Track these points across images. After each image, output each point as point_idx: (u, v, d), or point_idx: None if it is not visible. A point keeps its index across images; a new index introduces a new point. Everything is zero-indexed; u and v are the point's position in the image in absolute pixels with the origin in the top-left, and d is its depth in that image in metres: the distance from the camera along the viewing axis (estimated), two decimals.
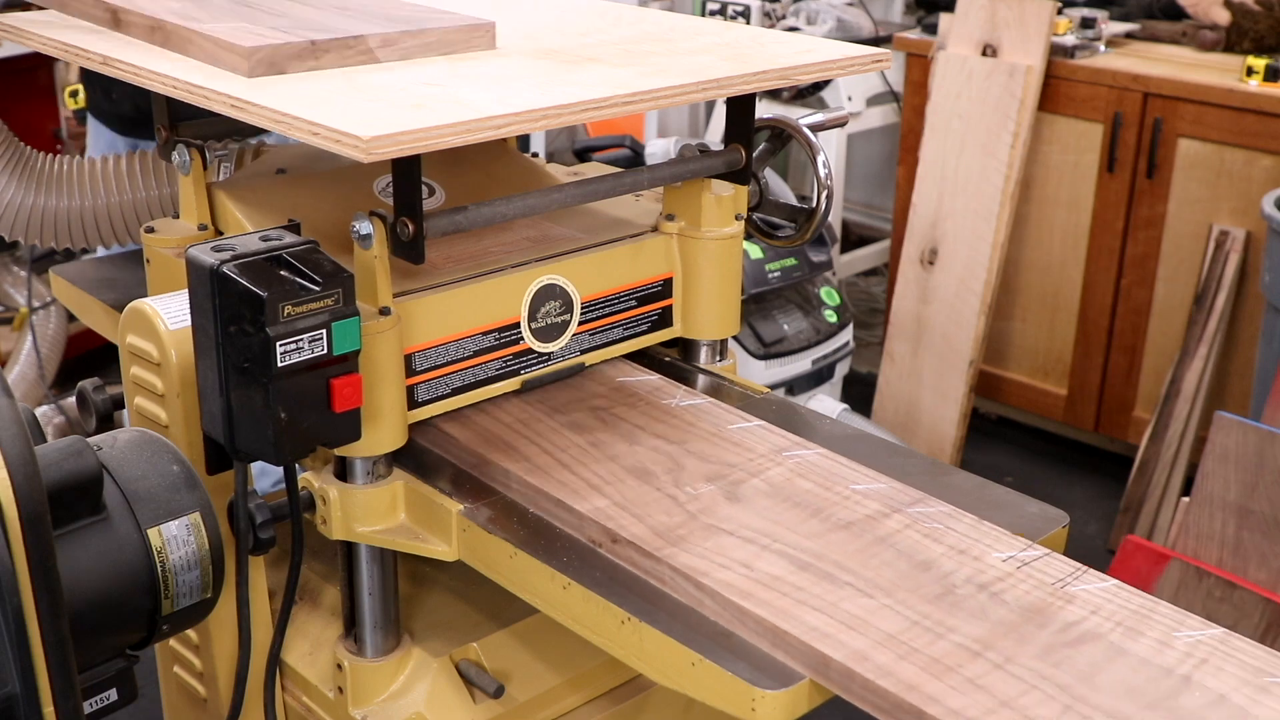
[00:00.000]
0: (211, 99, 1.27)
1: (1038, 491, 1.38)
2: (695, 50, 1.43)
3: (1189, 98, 3.19)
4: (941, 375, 3.51)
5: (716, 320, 1.60)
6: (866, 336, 4.32)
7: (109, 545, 1.01)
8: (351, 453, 1.32)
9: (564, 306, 1.47)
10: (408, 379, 1.35)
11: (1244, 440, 2.25)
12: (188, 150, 1.48)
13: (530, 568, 1.24)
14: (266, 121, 1.22)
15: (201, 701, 1.54)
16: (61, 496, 0.95)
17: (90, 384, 1.56)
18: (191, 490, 1.07)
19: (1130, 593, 1.15)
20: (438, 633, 1.47)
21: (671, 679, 1.13)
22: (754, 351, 3.12)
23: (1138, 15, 3.70)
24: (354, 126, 1.12)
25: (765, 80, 1.36)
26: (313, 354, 1.16)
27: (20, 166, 1.67)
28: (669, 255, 1.56)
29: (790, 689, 1.07)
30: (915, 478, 1.34)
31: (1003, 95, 3.40)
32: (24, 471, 0.87)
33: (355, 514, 1.34)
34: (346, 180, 1.53)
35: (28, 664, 0.87)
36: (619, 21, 1.59)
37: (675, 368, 1.60)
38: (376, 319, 1.28)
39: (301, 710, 1.49)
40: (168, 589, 1.04)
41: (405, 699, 1.41)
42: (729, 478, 1.34)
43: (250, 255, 1.17)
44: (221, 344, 1.17)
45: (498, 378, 1.44)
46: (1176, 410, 3.23)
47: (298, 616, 1.52)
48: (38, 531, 0.87)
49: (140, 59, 1.38)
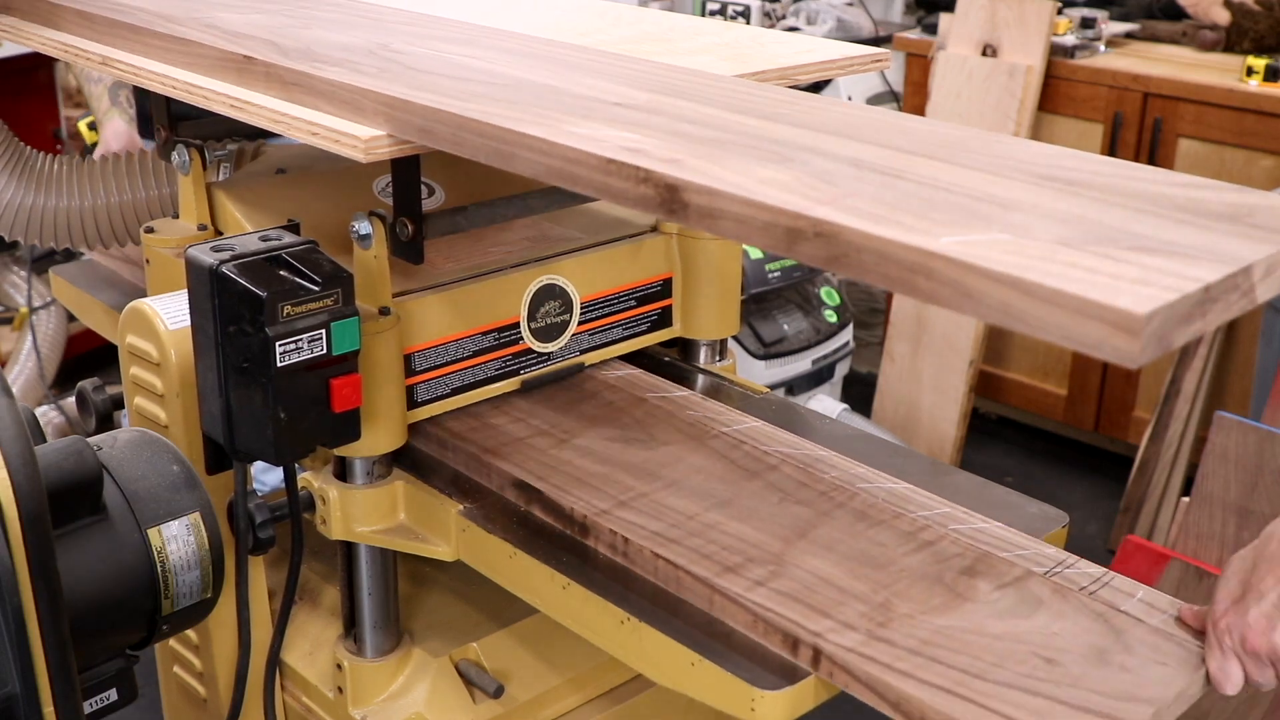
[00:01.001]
0: (211, 99, 1.27)
1: (1038, 491, 1.38)
2: (695, 50, 1.43)
3: (1189, 98, 3.19)
4: (941, 375, 3.51)
5: (716, 320, 1.60)
6: (866, 336, 4.31)
7: (109, 545, 1.01)
8: (351, 453, 1.32)
9: (563, 306, 1.47)
10: (407, 379, 1.35)
11: (1244, 440, 2.25)
12: (187, 150, 1.48)
13: (530, 568, 1.24)
14: (266, 121, 1.22)
15: (201, 701, 1.54)
16: (61, 496, 0.95)
17: (90, 384, 1.56)
18: (191, 490, 1.07)
19: None
20: (438, 633, 1.47)
21: (671, 679, 1.13)
22: (754, 351, 3.12)
23: (1138, 15, 3.70)
24: (353, 127, 1.12)
25: (765, 80, 1.36)
26: (312, 354, 1.16)
27: (20, 166, 1.67)
28: (669, 255, 1.56)
29: (790, 689, 1.07)
30: (915, 478, 1.34)
31: (1003, 95, 3.40)
32: (24, 471, 0.87)
33: (355, 514, 1.34)
34: (346, 180, 1.53)
35: (28, 664, 0.87)
36: (619, 21, 1.60)
37: (675, 368, 1.60)
38: (376, 319, 1.28)
39: (301, 710, 1.49)
40: (168, 589, 1.04)
41: (405, 699, 1.41)
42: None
43: (250, 255, 1.17)
44: (221, 344, 1.17)
45: (497, 378, 1.44)
46: (1176, 410, 3.22)
47: (298, 616, 1.52)
48: (38, 531, 0.87)
49: (140, 59, 1.38)
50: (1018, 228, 0.79)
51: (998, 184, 0.87)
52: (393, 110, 1.11)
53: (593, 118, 1.03)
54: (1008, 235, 0.78)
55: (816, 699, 1.09)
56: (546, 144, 0.97)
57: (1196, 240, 0.77)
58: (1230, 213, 0.82)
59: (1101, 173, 0.91)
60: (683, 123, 1.02)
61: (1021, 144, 0.99)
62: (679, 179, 0.88)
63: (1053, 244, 0.76)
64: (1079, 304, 0.70)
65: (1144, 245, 0.77)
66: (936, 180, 0.88)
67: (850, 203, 0.83)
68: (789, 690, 1.07)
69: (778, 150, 0.94)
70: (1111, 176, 0.90)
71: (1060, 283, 0.71)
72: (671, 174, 0.89)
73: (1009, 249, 0.75)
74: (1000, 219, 0.81)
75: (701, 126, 1.01)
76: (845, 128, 1.00)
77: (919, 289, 0.76)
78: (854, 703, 1.06)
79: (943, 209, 0.82)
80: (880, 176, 0.89)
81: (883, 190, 0.86)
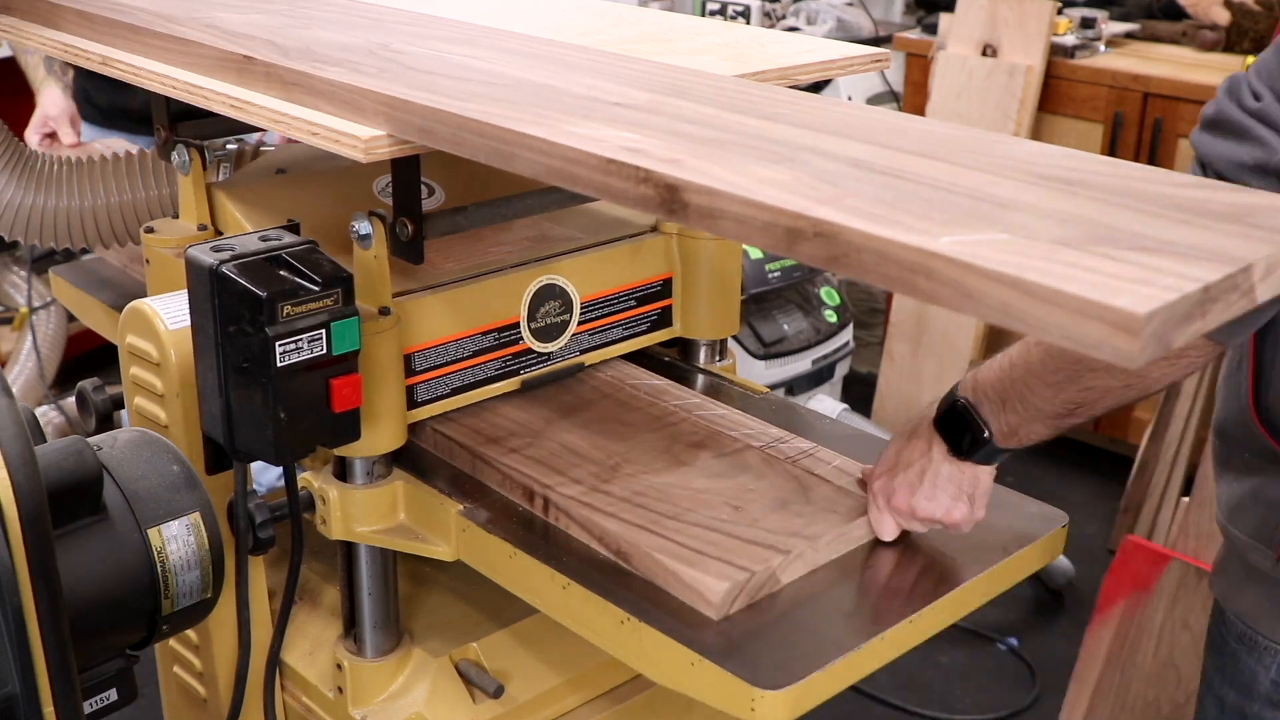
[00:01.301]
0: (211, 99, 1.27)
1: (1038, 491, 1.38)
2: (695, 50, 1.43)
3: (1189, 98, 3.19)
4: (941, 375, 3.51)
5: (716, 320, 1.60)
6: (866, 336, 4.31)
7: (109, 545, 1.01)
8: (351, 453, 1.32)
9: (563, 306, 1.47)
10: (407, 379, 1.35)
11: None
12: (187, 150, 1.48)
13: (530, 568, 1.24)
14: (266, 121, 1.22)
15: (201, 701, 1.54)
16: (61, 496, 0.95)
17: (90, 384, 1.56)
18: (191, 490, 1.07)
19: None
20: (438, 633, 1.47)
21: (671, 679, 1.13)
22: (754, 351, 3.12)
23: (1138, 15, 3.70)
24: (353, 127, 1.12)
25: (765, 80, 1.36)
26: (312, 354, 1.16)
27: (20, 166, 1.67)
28: (668, 255, 1.56)
29: (790, 689, 1.07)
30: None
31: (1003, 95, 3.40)
32: (24, 471, 0.87)
33: (355, 514, 1.34)
34: (346, 180, 1.53)
35: (28, 664, 0.87)
36: (619, 21, 1.60)
37: (674, 368, 1.60)
38: (376, 319, 1.28)
39: (301, 710, 1.49)
40: (168, 589, 1.04)
41: (405, 699, 1.41)
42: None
43: (249, 255, 1.17)
44: (221, 344, 1.17)
45: (497, 378, 1.44)
46: (1176, 410, 3.23)
47: (298, 616, 1.52)
48: (38, 531, 0.87)
49: (139, 59, 1.38)
50: (1018, 228, 0.79)
51: (998, 184, 0.88)
52: (393, 110, 1.11)
53: (593, 118, 1.03)
54: (1008, 235, 0.78)
55: (817, 698, 1.09)
56: (546, 144, 0.97)
57: (1196, 240, 0.77)
58: (1230, 213, 0.82)
59: (1101, 173, 0.91)
60: (683, 123, 1.02)
61: (1021, 144, 0.99)
62: (679, 179, 0.88)
63: (1053, 244, 0.76)
64: (1079, 304, 0.70)
65: (1144, 245, 0.77)
66: (936, 180, 0.88)
67: (850, 203, 0.83)
68: (789, 690, 1.07)
69: (778, 150, 0.94)
70: (1111, 176, 0.90)
71: (1060, 283, 0.71)
72: (671, 174, 0.89)
73: (1009, 249, 0.75)
74: (1000, 219, 0.81)
75: (701, 126, 1.01)
76: (845, 128, 1.00)
77: (919, 289, 0.76)
78: (854, 703, 1.07)
79: (943, 209, 0.82)
80: (880, 176, 0.89)
81: (883, 190, 0.86)
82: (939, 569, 1.24)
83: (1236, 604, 1.38)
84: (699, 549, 1.19)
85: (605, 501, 1.28)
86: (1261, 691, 1.36)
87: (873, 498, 1.26)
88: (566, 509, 1.27)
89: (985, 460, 1.23)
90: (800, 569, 1.21)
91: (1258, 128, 1.10)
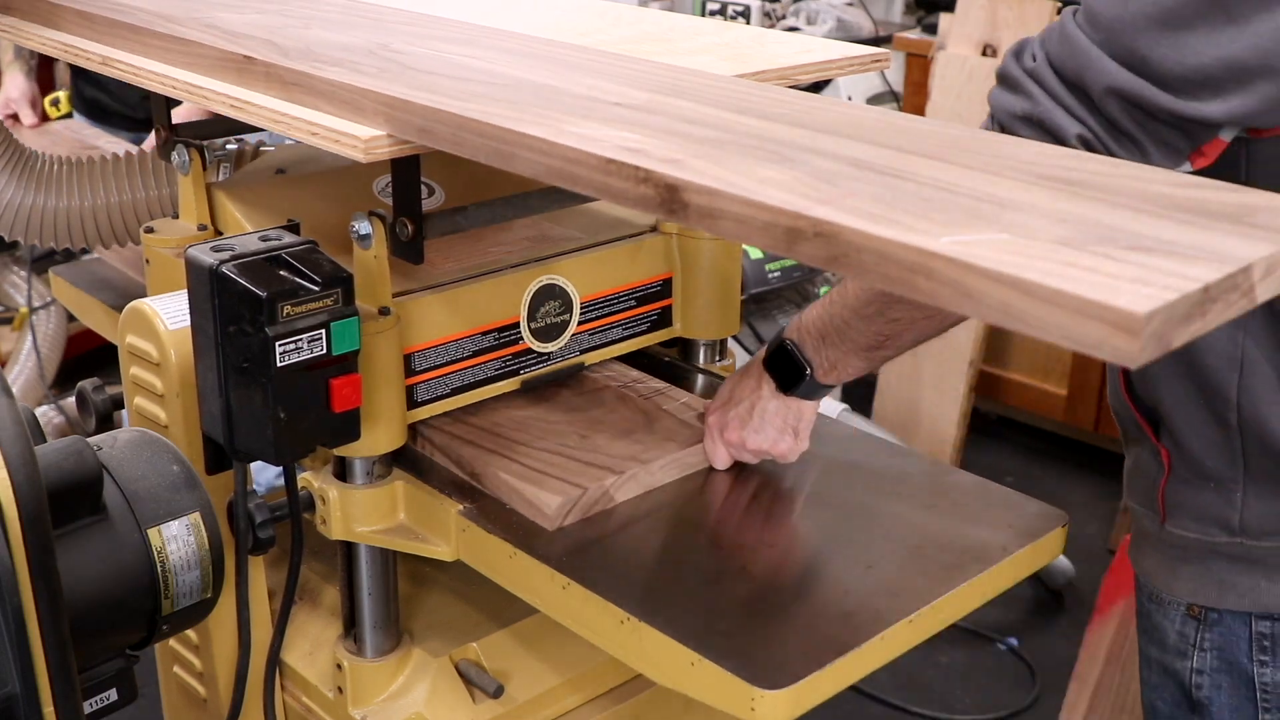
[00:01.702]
0: (211, 99, 1.27)
1: (1038, 491, 1.38)
2: (695, 50, 1.43)
3: None
4: (941, 375, 3.51)
5: (716, 320, 1.60)
6: None
7: (109, 545, 1.01)
8: (351, 453, 1.32)
9: (563, 306, 1.47)
10: (407, 379, 1.35)
11: None
12: (187, 150, 1.48)
13: (530, 568, 1.24)
14: (266, 121, 1.22)
15: (201, 701, 1.54)
16: (61, 496, 0.95)
17: (90, 384, 1.56)
18: (191, 490, 1.07)
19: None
20: (437, 633, 1.47)
21: (671, 679, 1.13)
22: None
23: None
24: (353, 127, 1.12)
25: (765, 80, 1.36)
26: (312, 354, 1.16)
27: (20, 166, 1.67)
28: (668, 255, 1.56)
29: (790, 689, 1.07)
30: (916, 478, 1.35)
31: None
32: (24, 471, 0.87)
33: (355, 514, 1.34)
34: (346, 180, 1.53)
35: (28, 664, 0.87)
36: (618, 21, 1.60)
37: (674, 368, 1.60)
38: (376, 319, 1.28)
39: (301, 710, 1.49)
40: (168, 589, 1.04)
41: (405, 699, 1.41)
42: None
43: (249, 255, 1.17)
44: (221, 344, 1.17)
45: (497, 378, 1.44)
46: None
47: (297, 616, 1.52)
48: (38, 531, 0.87)
49: (140, 59, 1.38)
50: (1017, 228, 0.79)
51: (998, 184, 0.88)
52: (393, 110, 1.11)
53: (592, 118, 1.03)
54: (1007, 235, 0.78)
55: (817, 698, 1.09)
56: (546, 144, 0.97)
57: (1196, 240, 0.77)
58: (1230, 213, 0.82)
59: (1101, 173, 0.91)
60: (682, 123, 1.02)
61: (1021, 144, 0.99)
62: (679, 179, 0.88)
63: (1053, 244, 0.76)
64: (1079, 304, 0.70)
65: (1144, 245, 0.77)
66: (936, 180, 0.88)
67: (850, 203, 0.83)
68: (789, 690, 1.07)
69: (778, 150, 0.94)
70: (1111, 176, 0.90)
71: (1060, 283, 0.71)
72: (671, 174, 0.89)
73: (1009, 249, 0.75)
74: (1000, 219, 0.81)
75: (701, 126, 1.01)
76: (845, 128, 1.00)
77: (919, 289, 0.76)
78: (854, 703, 1.07)
79: (943, 209, 0.82)
80: (880, 176, 0.89)
81: (883, 190, 0.86)
82: (939, 569, 1.24)
83: (1141, 566, 1.51)
84: (542, 469, 1.33)
85: (465, 430, 1.41)
86: (1171, 644, 1.45)
87: (708, 430, 1.38)
88: (431, 437, 1.41)
89: (808, 395, 1.33)
90: (634, 489, 1.33)
91: (1028, 83, 1.20)
